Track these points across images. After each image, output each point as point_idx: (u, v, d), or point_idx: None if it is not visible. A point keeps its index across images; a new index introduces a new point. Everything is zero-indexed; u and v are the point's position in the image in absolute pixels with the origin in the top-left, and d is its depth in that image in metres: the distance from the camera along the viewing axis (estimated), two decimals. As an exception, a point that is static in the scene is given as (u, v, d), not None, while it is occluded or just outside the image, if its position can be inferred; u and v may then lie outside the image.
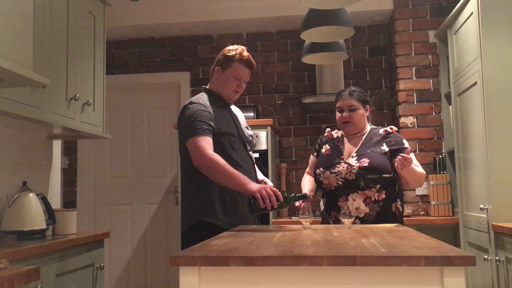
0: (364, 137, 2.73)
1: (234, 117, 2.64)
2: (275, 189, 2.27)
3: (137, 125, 4.87)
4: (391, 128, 2.73)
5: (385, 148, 2.64)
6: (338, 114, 2.76)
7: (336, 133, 2.84)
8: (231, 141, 2.51)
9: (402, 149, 2.63)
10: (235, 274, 1.47)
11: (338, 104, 2.76)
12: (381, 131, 2.73)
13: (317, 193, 2.89)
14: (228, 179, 2.35)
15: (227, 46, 2.67)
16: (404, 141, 2.70)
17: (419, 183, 2.72)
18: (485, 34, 2.94)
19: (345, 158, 2.67)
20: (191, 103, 2.51)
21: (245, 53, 2.60)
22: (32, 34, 2.18)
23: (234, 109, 2.74)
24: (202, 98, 2.55)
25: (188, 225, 2.50)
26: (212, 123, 2.45)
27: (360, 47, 4.59)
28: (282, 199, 2.24)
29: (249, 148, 2.64)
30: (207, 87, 2.66)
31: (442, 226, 3.75)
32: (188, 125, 2.44)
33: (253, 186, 2.28)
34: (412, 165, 2.52)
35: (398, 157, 2.48)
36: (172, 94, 4.82)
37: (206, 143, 2.39)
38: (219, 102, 2.60)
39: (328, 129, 2.93)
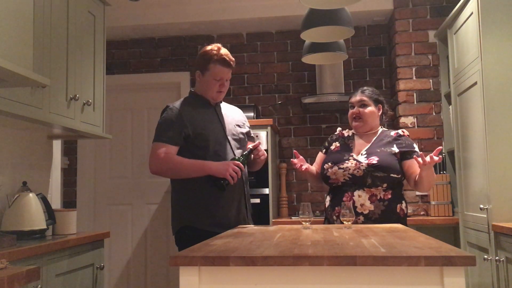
0: (375, 137, 2.76)
1: (221, 116, 2.68)
2: (236, 162, 2.49)
3: (137, 125, 4.87)
4: (403, 131, 2.77)
5: (395, 149, 2.66)
6: (349, 111, 2.83)
7: (347, 132, 2.88)
8: (206, 141, 2.56)
9: (412, 152, 2.66)
10: (235, 274, 1.47)
11: (350, 101, 2.84)
12: (393, 133, 2.76)
13: (318, 193, 2.90)
14: (190, 170, 2.50)
15: (205, 46, 2.68)
16: (415, 145, 2.74)
17: (431, 186, 2.73)
18: (485, 34, 2.94)
19: (355, 155, 2.69)
20: (167, 107, 2.63)
21: (222, 52, 2.60)
22: (32, 34, 2.18)
23: (226, 108, 2.77)
24: (180, 101, 2.66)
25: (174, 230, 2.62)
26: (177, 130, 2.53)
27: (360, 47, 4.59)
28: (244, 169, 2.54)
29: (238, 145, 2.66)
30: (193, 89, 2.74)
31: (442, 226, 3.75)
32: (156, 130, 2.58)
33: (220, 168, 2.46)
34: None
35: (427, 157, 2.44)
36: (172, 94, 4.81)
37: (160, 151, 2.51)
38: (204, 103, 2.66)
39: (339, 128, 2.95)
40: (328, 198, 2.78)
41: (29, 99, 2.32)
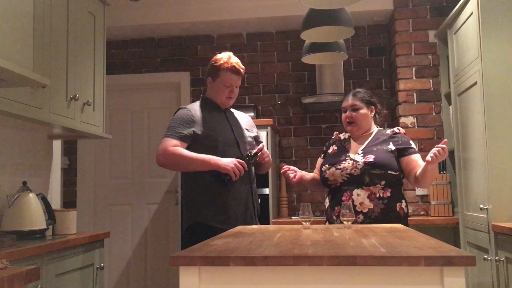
0: (371, 137, 2.77)
1: (231, 120, 2.80)
2: (240, 161, 2.60)
3: (137, 125, 4.87)
4: (398, 129, 2.77)
5: (391, 147, 2.67)
6: (343, 115, 2.83)
7: (343, 135, 2.89)
8: (215, 141, 2.67)
9: (409, 149, 2.67)
10: (235, 274, 1.47)
11: (342, 105, 2.85)
12: (389, 131, 2.77)
13: (318, 193, 2.91)
14: (195, 163, 2.60)
15: (216, 54, 2.82)
16: (411, 142, 2.74)
17: (432, 182, 2.75)
18: (485, 34, 2.94)
19: (352, 155, 2.70)
20: (179, 108, 2.78)
21: (232, 60, 2.75)
22: (32, 34, 2.18)
23: (236, 113, 2.90)
24: (195, 104, 2.81)
25: (185, 226, 2.71)
26: (188, 128, 2.65)
27: (360, 47, 4.59)
28: (247, 168, 2.63)
29: (247, 147, 2.77)
30: (206, 95, 2.87)
31: (442, 226, 3.75)
32: (167, 127, 2.70)
33: (226, 164, 2.56)
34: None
35: (434, 150, 2.42)
36: (172, 94, 4.82)
37: (168, 144, 2.61)
38: (215, 108, 2.80)
39: (336, 132, 2.97)
40: (327, 199, 2.79)
41: (29, 99, 2.32)
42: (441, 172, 3.93)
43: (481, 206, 2.96)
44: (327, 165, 2.73)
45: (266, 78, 4.67)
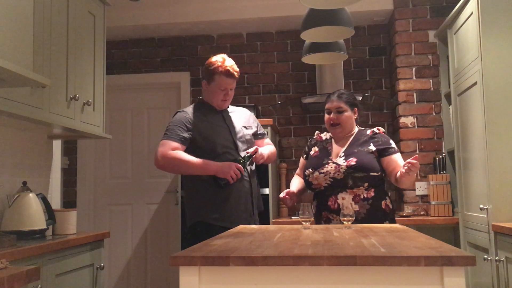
0: (351, 138, 2.77)
1: (228, 121, 2.81)
2: (238, 165, 2.64)
3: (137, 125, 4.87)
4: (378, 129, 2.78)
5: (372, 147, 2.68)
6: (326, 116, 2.82)
7: (325, 135, 2.89)
8: (213, 143, 2.70)
9: (389, 149, 2.69)
10: (235, 274, 1.47)
11: (326, 106, 2.82)
12: (369, 131, 2.78)
13: (309, 194, 2.93)
14: (194, 168, 2.64)
15: (211, 56, 2.84)
16: (391, 141, 2.75)
17: (412, 184, 2.79)
18: (485, 34, 2.94)
19: (333, 158, 2.71)
20: (177, 112, 2.82)
21: (226, 63, 2.75)
22: (32, 34, 2.18)
23: (233, 111, 2.91)
24: (191, 107, 2.83)
25: (188, 225, 2.74)
26: (186, 131, 2.68)
27: (360, 47, 4.59)
28: (243, 171, 2.68)
29: (245, 147, 2.79)
30: (202, 97, 2.90)
31: (442, 226, 3.75)
32: (165, 130, 2.72)
33: (222, 169, 2.61)
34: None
35: (404, 167, 2.46)
36: (172, 94, 4.82)
37: (168, 147, 2.63)
38: (211, 110, 2.82)
39: (317, 131, 2.97)
40: (313, 204, 2.79)
41: (29, 99, 2.32)
42: (441, 172, 3.93)
43: (481, 206, 2.96)
44: (310, 169, 2.73)
45: (266, 78, 4.67)
